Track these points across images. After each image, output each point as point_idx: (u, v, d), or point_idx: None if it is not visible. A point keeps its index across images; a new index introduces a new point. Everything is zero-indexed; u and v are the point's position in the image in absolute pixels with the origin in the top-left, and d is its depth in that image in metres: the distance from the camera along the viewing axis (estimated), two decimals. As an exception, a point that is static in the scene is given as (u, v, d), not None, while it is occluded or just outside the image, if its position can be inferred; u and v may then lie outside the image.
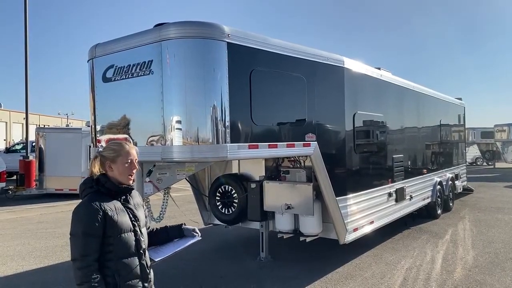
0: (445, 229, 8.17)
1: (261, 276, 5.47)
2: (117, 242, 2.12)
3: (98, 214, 2.08)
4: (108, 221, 2.10)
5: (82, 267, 2.03)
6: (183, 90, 4.06)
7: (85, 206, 2.13)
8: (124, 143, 2.29)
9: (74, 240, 2.09)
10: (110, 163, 2.23)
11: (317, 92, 5.25)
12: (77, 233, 2.08)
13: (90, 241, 2.05)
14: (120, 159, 2.22)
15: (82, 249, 2.04)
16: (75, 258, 2.06)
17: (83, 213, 2.11)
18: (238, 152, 4.19)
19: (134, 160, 2.27)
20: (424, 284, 5.08)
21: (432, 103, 9.64)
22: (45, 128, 14.87)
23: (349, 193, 5.73)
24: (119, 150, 2.24)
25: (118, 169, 2.22)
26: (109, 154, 2.24)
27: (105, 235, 2.10)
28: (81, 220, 2.09)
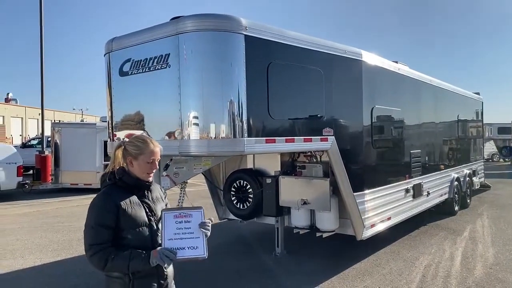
0: (463, 226, 8.03)
1: (277, 271, 5.43)
2: (131, 236, 2.10)
3: (111, 206, 2.07)
4: (122, 214, 2.08)
5: (96, 252, 2.02)
6: (200, 83, 4.02)
7: (99, 198, 2.14)
8: (149, 140, 2.24)
9: (87, 231, 2.09)
10: (131, 159, 2.20)
11: (335, 85, 5.16)
12: (90, 224, 2.09)
13: (102, 232, 2.05)
14: (142, 157, 2.19)
15: (93, 239, 2.04)
16: (87, 247, 2.06)
17: (96, 204, 2.11)
18: (255, 146, 4.14)
19: (156, 160, 2.23)
20: (444, 281, 4.99)
21: (450, 98, 9.45)
22: (60, 123, 15.00)
23: (367, 189, 5.64)
24: (143, 148, 2.20)
25: (139, 166, 2.20)
26: (132, 150, 2.21)
27: (119, 228, 2.09)
28: (94, 211, 2.10)
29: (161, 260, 2.04)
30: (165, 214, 2.16)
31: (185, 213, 2.20)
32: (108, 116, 4.90)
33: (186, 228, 2.16)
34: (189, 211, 2.21)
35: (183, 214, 2.19)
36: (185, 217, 2.19)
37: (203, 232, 2.17)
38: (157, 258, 2.04)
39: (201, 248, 2.15)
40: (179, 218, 2.18)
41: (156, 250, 2.07)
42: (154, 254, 2.05)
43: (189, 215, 2.20)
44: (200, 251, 2.15)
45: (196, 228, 2.17)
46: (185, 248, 2.13)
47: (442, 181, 8.62)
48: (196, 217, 2.21)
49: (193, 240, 2.16)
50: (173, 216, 2.17)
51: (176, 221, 2.16)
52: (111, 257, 2.02)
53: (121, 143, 2.26)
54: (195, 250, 2.15)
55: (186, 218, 2.19)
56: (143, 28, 4.41)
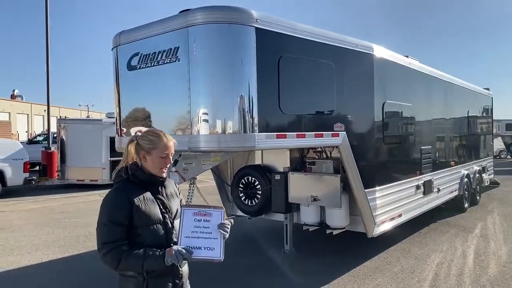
0: (474, 223, 7.91)
1: (286, 269, 5.36)
2: (145, 233, 2.02)
3: (123, 203, 2.00)
4: (135, 211, 2.01)
5: (109, 250, 1.95)
6: (210, 78, 3.94)
7: (112, 194, 2.07)
8: (162, 134, 2.15)
9: (99, 228, 2.02)
10: (144, 154, 2.12)
11: (346, 80, 5.06)
12: (102, 221, 2.01)
13: (115, 229, 1.97)
14: (155, 152, 2.10)
15: (106, 237, 1.97)
16: (100, 246, 1.98)
17: (108, 201, 2.04)
18: (266, 141, 4.05)
19: (170, 154, 2.15)
20: (457, 280, 4.89)
21: (460, 93, 9.31)
22: (66, 119, 14.93)
23: (378, 185, 5.54)
24: (156, 142, 2.11)
25: (152, 161, 2.11)
26: (145, 144, 2.12)
27: (132, 226, 2.01)
28: (106, 208, 2.03)
29: (177, 258, 1.96)
30: (185, 210, 2.08)
31: (205, 211, 2.12)
32: (115, 111, 4.83)
33: (204, 228, 2.08)
34: (209, 210, 2.13)
35: (203, 212, 2.11)
36: (204, 216, 2.10)
37: (222, 233, 2.08)
38: (172, 256, 1.96)
39: (217, 250, 2.07)
40: (198, 216, 2.10)
41: (172, 248, 1.99)
42: (170, 252, 1.97)
43: (209, 214, 2.11)
44: (217, 253, 2.07)
45: (214, 228, 2.09)
46: (202, 248, 2.05)
47: (452, 178, 8.49)
48: (216, 217, 2.12)
49: (211, 240, 2.08)
50: (193, 214, 2.09)
51: (195, 218, 2.09)
52: (125, 255, 1.95)
53: (134, 138, 2.17)
54: (212, 251, 2.06)
55: (206, 217, 2.11)
56: (152, 21, 4.33)
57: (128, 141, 2.19)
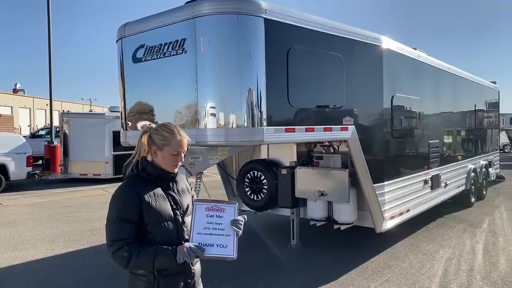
0: (481, 218, 7.83)
1: (293, 265, 5.30)
2: (156, 231, 1.94)
3: (133, 199, 1.92)
4: (145, 207, 1.93)
5: (119, 248, 1.88)
6: (218, 70, 3.85)
7: (121, 190, 1.98)
8: (177, 131, 2.05)
9: (109, 225, 1.94)
10: (156, 149, 2.03)
11: (355, 72, 4.96)
12: (111, 218, 1.94)
13: (125, 227, 1.90)
14: (168, 148, 2.01)
15: (116, 234, 1.90)
16: (109, 243, 1.91)
17: (118, 197, 1.96)
18: (275, 135, 3.97)
19: (182, 152, 2.05)
20: (468, 276, 4.82)
21: (467, 87, 9.18)
22: (69, 113, 14.87)
23: (386, 180, 5.46)
24: (169, 138, 2.01)
25: (163, 157, 2.02)
26: (158, 140, 2.02)
27: (143, 223, 1.94)
28: (115, 204, 1.95)
29: (189, 256, 1.88)
30: (197, 205, 1.99)
31: (218, 206, 2.02)
32: (120, 104, 4.74)
33: (217, 224, 1.99)
34: (223, 205, 2.03)
35: (215, 207, 2.02)
36: (217, 211, 2.01)
37: (235, 230, 1.99)
38: (184, 254, 1.88)
39: (230, 248, 1.98)
40: (211, 212, 2.00)
41: (183, 245, 1.91)
42: (181, 250, 1.89)
43: (222, 209, 2.02)
44: (229, 250, 1.98)
45: (227, 225, 2.00)
46: (214, 246, 1.96)
47: (459, 172, 8.40)
48: (229, 213, 2.03)
49: (223, 238, 1.99)
50: (205, 209, 2.00)
51: (207, 214, 1.99)
52: (135, 253, 1.87)
53: (147, 129, 2.08)
54: (224, 249, 1.98)
55: (218, 213, 2.01)
56: (158, 12, 4.23)
57: (141, 132, 2.10)
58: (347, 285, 4.57)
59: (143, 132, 2.09)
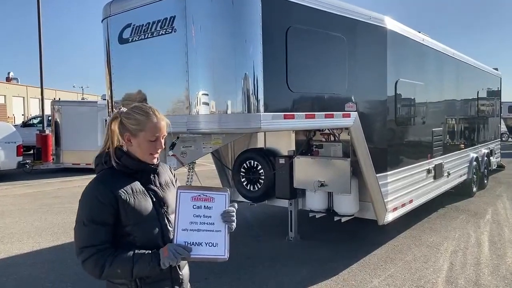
0: (484, 208, 7.61)
1: (292, 258, 5.05)
2: (136, 233, 1.65)
3: (107, 197, 1.62)
4: (122, 206, 1.63)
5: (90, 256, 1.58)
6: (210, 51, 3.53)
7: (92, 187, 1.68)
8: (152, 112, 1.73)
9: (78, 230, 1.64)
10: (129, 136, 1.71)
11: (358, 55, 4.66)
12: (81, 220, 1.63)
13: (97, 230, 1.61)
14: (143, 135, 1.70)
15: (86, 239, 1.60)
16: (78, 251, 1.61)
17: (88, 195, 1.66)
18: (272, 122, 3.67)
19: (161, 137, 1.74)
20: (475, 269, 4.59)
21: (471, 73, 8.90)
22: (60, 101, 14.47)
23: (389, 170, 5.19)
24: (144, 122, 1.70)
25: (139, 145, 1.71)
26: (130, 125, 1.71)
27: (120, 225, 1.64)
28: (86, 204, 1.65)
29: (174, 258, 1.58)
30: (181, 194, 1.67)
31: (206, 195, 1.70)
32: (107, 89, 4.43)
33: (205, 217, 1.67)
34: (211, 193, 1.71)
35: (203, 196, 1.69)
36: (205, 201, 1.69)
37: (227, 225, 1.69)
38: (168, 257, 1.58)
39: (221, 246, 1.67)
40: (198, 202, 1.68)
41: (167, 247, 1.61)
42: (165, 252, 1.60)
43: (210, 198, 1.70)
44: (220, 249, 1.67)
45: (217, 217, 1.68)
46: (202, 244, 1.65)
47: (462, 161, 8.17)
48: (219, 203, 1.71)
49: (213, 234, 1.67)
50: (191, 198, 1.67)
51: (194, 205, 1.67)
52: (109, 261, 1.58)
53: (117, 114, 1.76)
54: (214, 248, 1.66)
55: (207, 203, 1.69)
56: (145, -12, 3.89)
57: (110, 118, 1.79)
58: (349, 281, 4.33)
59: (112, 118, 1.77)
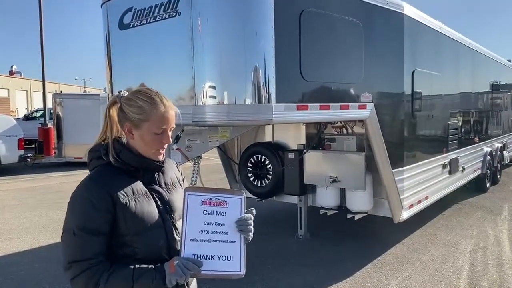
0: (500, 204, 7.32)
1: (302, 258, 4.80)
2: (137, 244, 1.39)
3: (101, 200, 1.35)
4: (121, 211, 1.36)
5: (82, 272, 1.30)
6: (218, 34, 3.25)
7: (85, 188, 1.39)
8: (159, 99, 1.44)
9: (67, 240, 1.36)
10: (131, 127, 1.43)
11: (375, 42, 4.36)
12: (70, 228, 1.35)
13: (90, 241, 1.33)
14: (147, 126, 1.41)
15: (77, 252, 1.32)
16: (67, 265, 1.33)
17: (79, 198, 1.38)
18: (285, 114, 3.40)
19: (168, 130, 1.46)
20: (498, 271, 4.32)
21: (485, 64, 8.57)
22: (62, 94, 14.23)
23: (406, 165, 4.91)
24: (149, 111, 1.41)
25: (142, 138, 1.43)
26: (133, 113, 1.41)
27: (118, 233, 1.37)
28: (77, 209, 1.37)
29: (183, 275, 1.30)
30: (189, 197, 1.40)
31: (219, 198, 1.43)
32: (107, 78, 4.16)
33: (217, 225, 1.41)
34: (224, 197, 1.44)
35: (215, 199, 1.43)
36: (218, 205, 1.43)
37: (243, 235, 1.42)
38: (176, 273, 1.30)
39: (236, 260, 1.40)
40: (209, 206, 1.41)
41: (173, 261, 1.34)
42: (171, 268, 1.32)
43: (223, 203, 1.43)
44: (235, 264, 1.40)
45: (232, 226, 1.42)
46: (214, 258, 1.38)
47: (476, 156, 7.87)
48: (234, 208, 1.44)
49: (227, 246, 1.40)
50: (201, 202, 1.41)
51: (204, 210, 1.40)
52: (104, 278, 1.30)
53: (117, 98, 1.47)
54: (228, 262, 1.39)
55: (220, 208, 1.42)
56: (147, -31, 3.60)
57: (108, 103, 1.50)
58: (364, 283, 4.08)
59: (111, 103, 1.48)
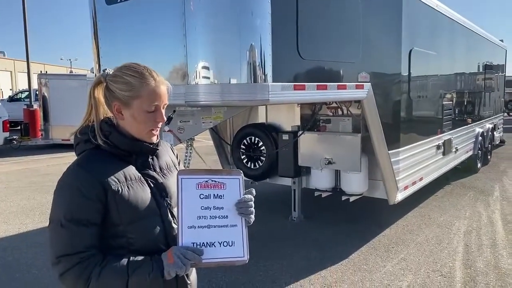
0: (491, 185, 7.36)
1: (297, 239, 4.76)
2: (132, 234, 1.28)
3: (91, 188, 1.23)
4: (113, 200, 1.25)
5: (72, 267, 1.19)
6: (212, 9, 3.07)
7: (73, 175, 1.27)
8: (148, 73, 1.32)
9: (54, 232, 1.24)
10: (119, 106, 1.30)
11: (372, 19, 4.21)
12: (57, 219, 1.23)
13: (80, 232, 1.22)
14: (138, 103, 1.29)
15: (65, 245, 1.21)
16: (55, 260, 1.22)
17: (67, 185, 1.26)
18: (282, 94, 3.26)
19: (161, 107, 1.33)
20: (492, 252, 4.33)
21: (479, 44, 8.49)
22: (47, 75, 13.86)
23: (402, 146, 4.85)
24: (138, 86, 1.28)
25: (134, 118, 1.30)
26: (121, 91, 1.29)
27: (110, 223, 1.27)
28: (64, 198, 1.25)
29: (183, 266, 1.20)
30: (183, 180, 1.29)
31: (215, 180, 1.33)
32: (94, 57, 3.96)
33: (216, 209, 1.30)
34: (221, 178, 1.34)
35: (212, 182, 1.32)
36: (215, 188, 1.32)
37: (243, 217, 1.32)
38: (175, 264, 1.20)
39: (239, 245, 1.31)
40: (205, 190, 1.31)
41: (171, 251, 1.23)
42: (170, 259, 1.22)
43: (221, 184, 1.33)
44: (238, 250, 1.30)
45: (231, 209, 1.32)
46: (215, 245, 1.28)
47: (468, 137, 7.88)
48: (232, 190, 1.34)
49: (227, 230, 1.31)
50: (197, 186, 1.30)
51: (200, 194, 1.30)
52: (96, 272, 1.19)
53: (101, 77, 1.34)
54: (230, 248, 1.29)
55: (217, 191, 1.32)
56: None
57: (93, 82, 1.37)
58: (360, 265, 4.05)
59: (95, 83, 1.35)
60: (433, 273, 3.84)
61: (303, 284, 3.67)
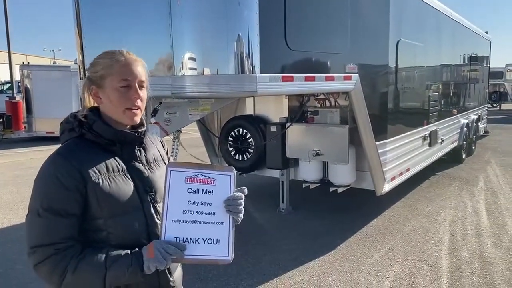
0: (475, 175, 7.47)
1: (285, 231, 4.76)
2: (112, 228, 1.24)
3: (71, 178, 1.19)
4: (92, 191, 1.21)
5: (47, 258, 1.16)
6: None
7: (52, 163, 1.23)
8: (118, 52, 1.30)
9: (31, 221, 1.21)
10: (96, 89, 1.29)
11: (361, 9, 4.20)
12: (35, 209, 1.19)
13: (57, 223, 1.18)
14: (109, 81, 1.26)
15: (42, 235, 1.17)
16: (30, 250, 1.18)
17: (46, 175, 1.22)
18: (269, 85, 3.23)
19: (135, 82, 1.28)
20: (477, 241, 4.40)
21: (465, 36, 8.56)
22: (30, 66, 13.53)
23: (389, 137, 4.87)
24: (108, 64, 1.27)
25: (109, 98, 1.27)
26: (94, 73, 1.28)
27: (91, 216, 1.23)
28: (42, 187, 1.21)
29: (163, 261, 1.17)
30: (172, 173, 1.25)
31: (205, 175, 1.29)
32: (77, 47, 3.85)
33: (203, 204, 1.27)
34: (212, 173, 1.30)
35: (202, 176, 1.29)
36: (204, 183, 1.28)
37: (231, 216, 1.30)
38: (155, 259, 1.17)
39: (224, 244, 1.28)
40: (194, 184, 1.27)
41: (152, 245, 1.20)
42: (150, 253, 1.18)
43: (211, 180, 1.29)
44: (222, 249, 1.27)
45: (220, 206, 1.29)
46: (199, 241, 1.25)
47: (454, 127, 7.98)
48: (222, 186, 1.31)
49: (213, 228, 1.27)
50: (185, 179, 1.26)
51: (189, 188, 1.26)
52: (73, 265, 1.15)
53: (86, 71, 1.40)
54: (214, 246, 1.26)
55: (207, 186, 1.28)
56: None
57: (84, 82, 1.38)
58: (348, 256, 4.07)
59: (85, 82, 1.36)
60: (419, 263, 3.89)
61: (292, 276, 3.68)
